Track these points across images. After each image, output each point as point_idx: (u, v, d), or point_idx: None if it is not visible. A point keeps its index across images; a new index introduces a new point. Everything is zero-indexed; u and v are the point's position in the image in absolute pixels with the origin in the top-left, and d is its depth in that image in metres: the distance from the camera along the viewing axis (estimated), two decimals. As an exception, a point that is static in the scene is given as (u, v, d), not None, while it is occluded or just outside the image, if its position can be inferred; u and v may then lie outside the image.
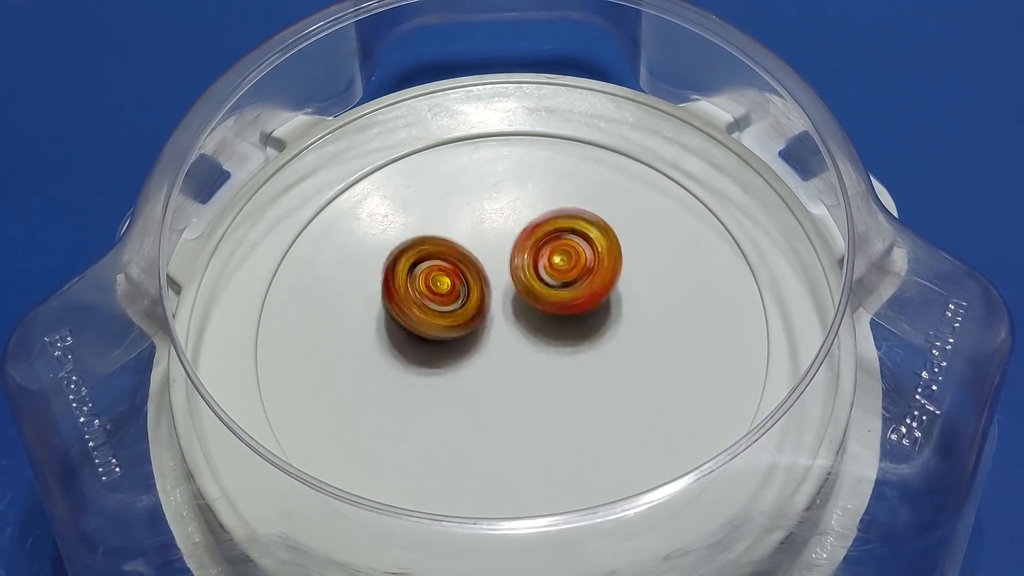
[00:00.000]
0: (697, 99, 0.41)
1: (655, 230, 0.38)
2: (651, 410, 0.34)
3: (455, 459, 0.34)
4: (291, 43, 0.39)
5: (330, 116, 0.41)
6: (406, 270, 0.35)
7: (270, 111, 0.40)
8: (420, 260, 0.35)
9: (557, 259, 0.35)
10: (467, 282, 0.35)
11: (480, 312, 0.35)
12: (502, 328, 0.36)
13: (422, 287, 0.35)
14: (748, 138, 0.41)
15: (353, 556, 0.31)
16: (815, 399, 0.34)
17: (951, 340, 0.34)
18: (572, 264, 0.35)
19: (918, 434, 0.33)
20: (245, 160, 0.41)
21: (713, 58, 0.39)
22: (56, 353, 0.34)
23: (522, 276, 0.35)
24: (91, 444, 0.33)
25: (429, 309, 0.35)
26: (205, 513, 0.33)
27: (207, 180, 0.40)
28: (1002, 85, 0.49)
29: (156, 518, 0.33)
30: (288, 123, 0.41)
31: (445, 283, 0.35)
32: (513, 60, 0.47)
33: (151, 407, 0.35)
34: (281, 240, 0.38)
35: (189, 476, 0.33)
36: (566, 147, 0.40)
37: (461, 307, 0.35)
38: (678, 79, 0.41)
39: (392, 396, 0.35)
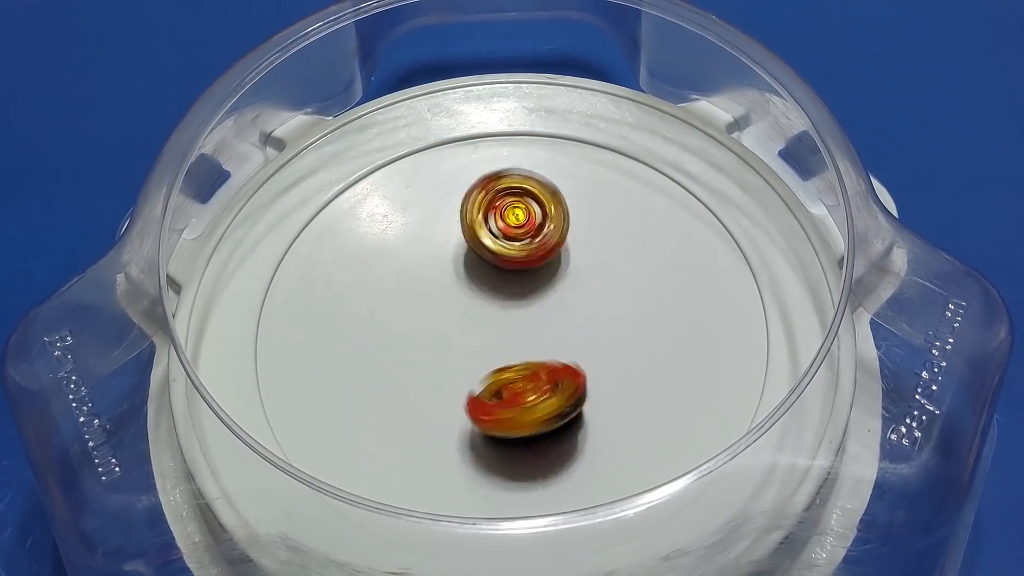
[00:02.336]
0: (697, 99, 0.41)
1: (655, 230, 0.38)
2: (651, 410, 0.34)
3: (455, 459, 0.34)
4: (291, 43, 0.39)
5: (330, 116, 0.41)
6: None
7: (270, 111, 0.40)
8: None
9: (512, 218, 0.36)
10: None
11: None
12: (501, 328, 0.36)
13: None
14: (748, 138, 0.41)
15: (353, 556, 0.31)
16: (815, 399, 0.34)
17: (951, 340, 0.34)
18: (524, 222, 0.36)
19: (918, 434, 0.33)
20: (245, 160, 0.41)
21: (713, 58, 0.39)
22: (56, 353, 0.34)
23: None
24: (91, 444, 0.33)
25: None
26: (205, 513, 0.33)
27: (207, 180, 0.40)
28: (1002, 85, 0.49)
29: (156, 518, 0.33)
30: (288, 123, 0.41)
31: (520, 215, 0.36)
32: (513, 60, 0.47)
33: (151, 407, 0.35)
34: (281, 240, 0.38)
35: (189, 476, 0.33)
36: (566, 147, 0.40)
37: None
38: (678, 79, 0.41)
39: (392, 396, 0.35)
